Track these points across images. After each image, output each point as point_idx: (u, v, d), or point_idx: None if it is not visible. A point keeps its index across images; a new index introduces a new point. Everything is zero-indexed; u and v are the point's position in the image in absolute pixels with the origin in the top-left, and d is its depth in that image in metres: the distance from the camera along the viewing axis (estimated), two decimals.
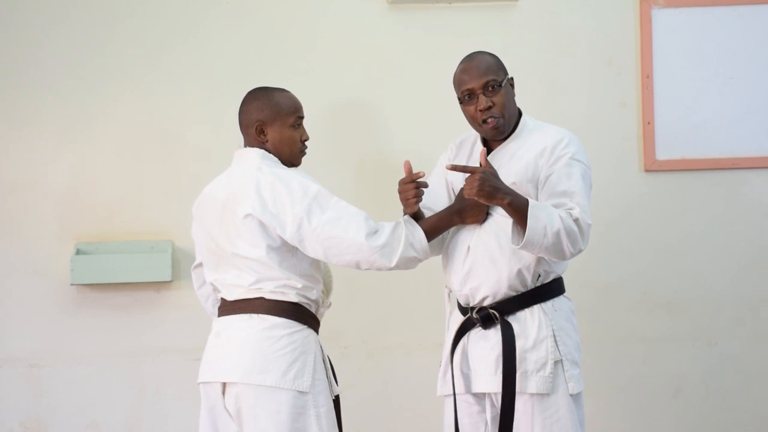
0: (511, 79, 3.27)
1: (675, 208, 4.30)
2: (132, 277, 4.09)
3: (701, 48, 4.30)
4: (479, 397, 3.24)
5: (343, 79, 4.24)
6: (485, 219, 3.22)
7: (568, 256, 3.10)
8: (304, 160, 3.32)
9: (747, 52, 4.31)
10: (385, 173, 3.99)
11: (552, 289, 3.22)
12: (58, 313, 4.14)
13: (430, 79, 4.20)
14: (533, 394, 3.14)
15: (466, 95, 3.22)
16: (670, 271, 4.29)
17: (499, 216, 3.18)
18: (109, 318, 4.15)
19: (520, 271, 3.17)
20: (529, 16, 4.28)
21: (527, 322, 3.17)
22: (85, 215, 4.16)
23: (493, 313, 3.18)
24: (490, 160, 3.18)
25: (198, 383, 3.24)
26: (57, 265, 4.12)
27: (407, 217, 3.21)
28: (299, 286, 3.16)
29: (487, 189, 3.04)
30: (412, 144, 4.17)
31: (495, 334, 3.18)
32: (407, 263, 3.16)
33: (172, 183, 4.17)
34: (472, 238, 3.23)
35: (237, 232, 3.16)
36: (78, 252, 4.08)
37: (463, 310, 3.28)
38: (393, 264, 3.12)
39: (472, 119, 3.25)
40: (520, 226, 3.06)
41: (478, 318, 3.21)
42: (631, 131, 4.29)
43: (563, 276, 3.28)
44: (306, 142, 3.31)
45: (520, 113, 3.31)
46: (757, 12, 4.32)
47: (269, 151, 3.25)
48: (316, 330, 3.22)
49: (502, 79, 3.22)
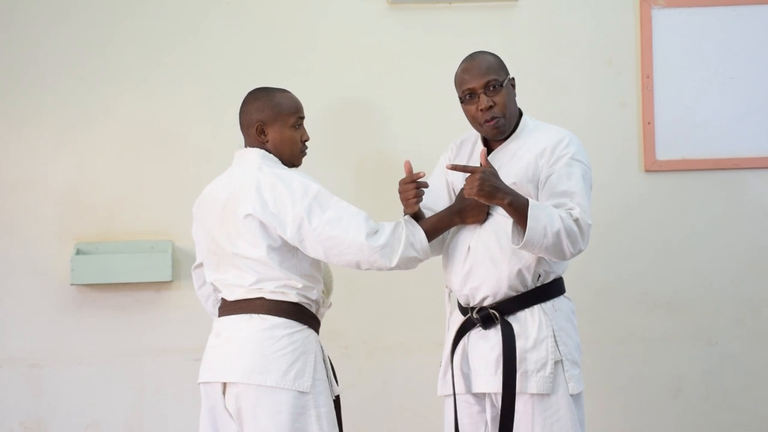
0: (513, 79, 3.27)
1: (675, 209, 4.30)
2: (132, 277, 4.09)
3: (701, 48, 4.30)
4: (479, 397, 3.24)
5: (343, 79, 4.24)
6: (485, 219, 3.21)
7: (569, 257, 3.10)
8: (304, 160, 3.31)
9: (747, 52, 4.31)
10: (385, 173, 3.99)
11: (552, 289, 3.22)
12: (58, 313, 4.14)
13: (430, 79, 4.20)
14: (533, 394, 3.13)
15: (467, 94, 3.22)
16: (670, 271, 4.29)
17: (499, 216, 3.18)
18: (109, 318, 4.15)
19: (521, 271, 3.17)
20: (529, 16, 4.27)
21: (527, 322, 3.17)
22: (85, 215, 4.16)
23: (494, 313, 3.18)
24: (490, 160, 3.18)
25: (198, 383, 3.24)
26: (57, 265, 4.12)
27: (408, 217, 3.21)
28: (300, 286, 3.15)
29: (487, 189, 3.04)
30: (413, 144, 4.17)
31: (495, 334, 3.18)
32: (408, 263, 3.15)
33: (172, 183, 4.17)
34: (472, 238, 3.22)
35: (237, 232, 3.15)
36: (78, 252, 4.08)
37: (463, 310, 3.27)
38: (393, 264, 3.12)
39: (472, 119, 3.24)
40: (520, 226, 3.06)
41: (478, 318, 3.21)
42: (631, 131, 4.29)
43: (563, 276, 3.28)
44: (306, 143, 3.31)
45: (520, 113, 3.31)
46: (757, 12, 4.31)
47: (270, 152, 3.24)
48: (317, 330, 3.22)
49: (504, 79, 3.22)
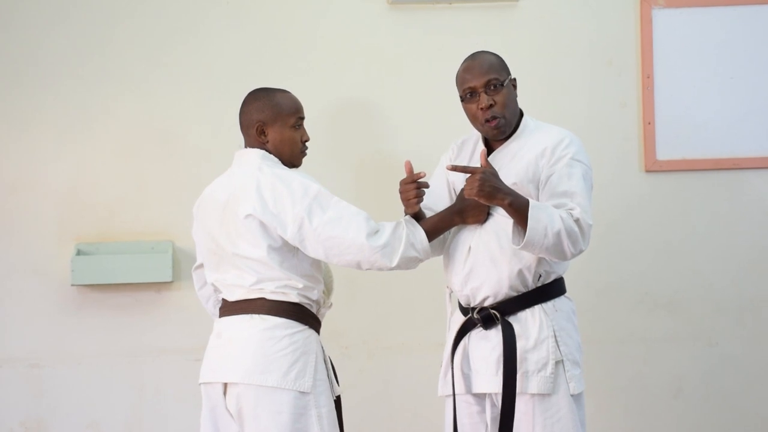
0: (514, 79, 3.26)
1: (676, 209, 4.30)
2: (132, 278, 4.09)
3: (701, 48, 4.30)
4: (480, 397, 3.24)
5: (343, 79, 4.24)
6: (486, 219, 3.21)
7: (569, 257, 3.10)
8: (304, 160, 3.31)
9: (747, 52, 4.31)
10: (385, 173, 3.99)
11: (553, 289, 3.22)
12: (59, 313, 4.14)
13: (430, 79, 4.20)
14: (534, 395, 3.13)
15: (468, 93, 3.22)
16: (670, 271, 4.29)
17: (499, 216, 3.18)
18: (109, 318, 4.15)
19: (521, 271, 3.16)
20: (529, 16, 4.27)
21: (528, 323, 3.17)
22: (86, 215, 4.16)
23: (494, 314, 3.18)
24: (491, 161, 3.17)
25: (199, 384, 3.24)
26: (57, 265, 4.12)
27: (408, 217, 3.21)
28: (300, 286, 3.15)
29: (488, 189, 3.04)
30: (413, 144, 4.17)
31: (496, 335, 3.17)
32: (408, 263, 3.15)
33: (172, 183, 4.17)
34: (473, 238, 3.22)
35: (238, 233, 3.15)
36: (78, 252, 4.08)
37: (464, 311, 3.27)
38: (394, 264, 3.11)
39: (473, 118, 3.24)
40: (520, 227, 3.06)
41: (479, 318, 3.20)
42: (631, 131, 4.29)
43: (564, 276, 3.28)
44: (306, 143, 3.30)
45: (521, 114, 3.30)
46: (757, 12, 4.31)
47: (270, 152, 3.24)
48: (317, 330, 3.22)
49: (505, 79, 3.22)
